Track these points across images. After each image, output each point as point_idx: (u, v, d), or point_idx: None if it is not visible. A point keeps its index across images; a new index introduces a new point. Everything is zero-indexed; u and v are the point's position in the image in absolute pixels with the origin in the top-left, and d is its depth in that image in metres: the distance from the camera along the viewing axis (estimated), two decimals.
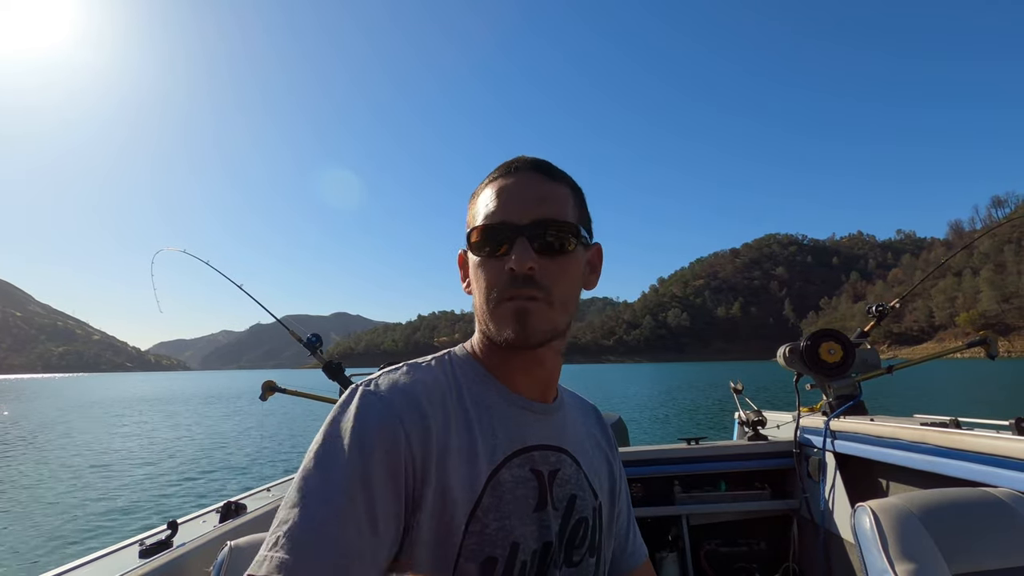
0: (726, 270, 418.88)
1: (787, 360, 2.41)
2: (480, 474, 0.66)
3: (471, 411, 0.70)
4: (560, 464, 0.75)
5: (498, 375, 0.74)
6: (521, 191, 0.71)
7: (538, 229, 0.69)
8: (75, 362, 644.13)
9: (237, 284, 2.80)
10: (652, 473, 2.39)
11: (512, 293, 0.68)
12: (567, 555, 0.73)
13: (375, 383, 0.68)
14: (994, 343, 2.30)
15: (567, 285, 0.71)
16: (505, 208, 0.70)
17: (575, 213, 0.73)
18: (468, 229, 0.73)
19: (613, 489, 0.86)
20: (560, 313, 0.70)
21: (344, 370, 2.52)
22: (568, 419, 0.81)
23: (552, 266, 0.69)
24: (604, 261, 0.80)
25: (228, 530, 1.60)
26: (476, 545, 0.64)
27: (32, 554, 6.57)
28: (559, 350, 0.76)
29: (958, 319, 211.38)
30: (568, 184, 0.75)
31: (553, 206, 0.70)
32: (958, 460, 1.53)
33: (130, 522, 7.68)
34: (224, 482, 10.26)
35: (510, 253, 0.68)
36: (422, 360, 0.75)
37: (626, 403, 25.94)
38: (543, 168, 0.73)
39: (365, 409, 0.63)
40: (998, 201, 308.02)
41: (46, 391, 64.46)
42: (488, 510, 0.65)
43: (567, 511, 0.73)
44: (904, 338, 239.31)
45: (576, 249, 0.72)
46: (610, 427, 0.93)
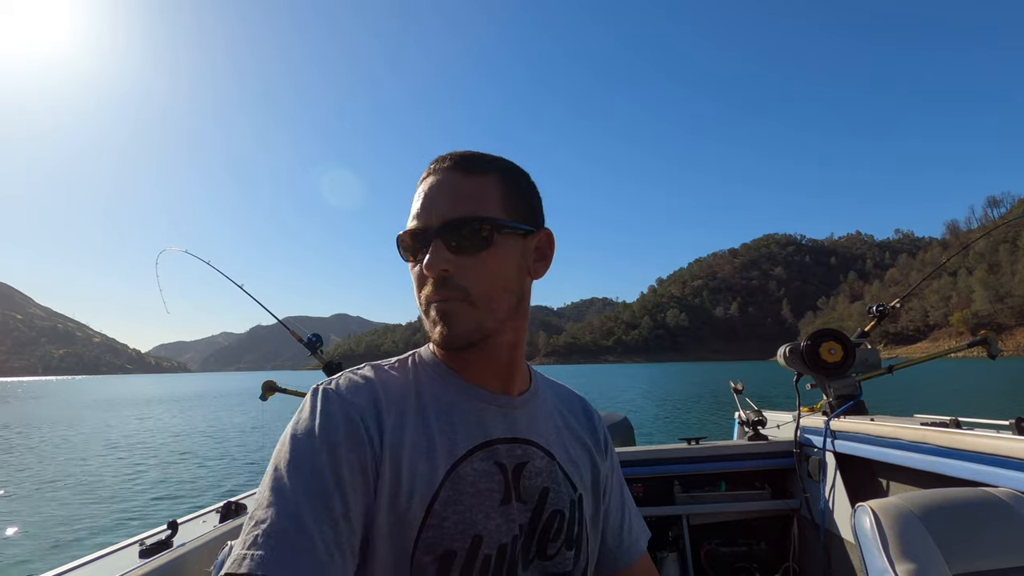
0: (725, 270, 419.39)
1: (787, 360, 2.41)
2: (438, 468, 0.66)
3: (429, 408, 0.70)
4: (528, 456, 0.74)
5: (460, 372, 0.75)
6: (436, 193, 0.71)
7: (450, 229, 0.68)
8: (75, 364, 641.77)
9: (238, 284, 2.78)
10: (652, 473, 2.39)
11: (433, 296, 0.69)
12: (540, 548, 0.73)
13: (335, 383, 0.69)
14: (994, 343, 2.31)
15: (487, 281, 0.70)
16: (421, 213, 0.71)
17: (501, 204, 0.71)
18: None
19: (596, 481, 0.85)
20: (484, 310, 0.69)
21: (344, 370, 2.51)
22: (540, 411, 0.81)
23: (470, 264, 0.68)
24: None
25: (228, 530, 1.60)
26: (434, 539, 0.64)
27: (32, 554, 6.58)
28: (514, 343, 0.76)
29: (951, 319, 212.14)
30: (495, 175, 0.73)
31: (469, 203, 0.69)
32: (958, 460, 1.53)
33: (130, 522, 7.69)
34: (224, 482, 10.28)
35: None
36: (385, 361, 0.76)
37: (627, 403, 25.94)
38: (462, 164, 0.72)
39: (326, 407, 0.65)
40: (993, 201, 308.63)
41: (46, 393, 64.31)
42: (447, 504, 0.65)
43: (538, 504, 0.73)
44: (900, 337, 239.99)
45: (501, 242, 0.70)
46: (598, 418, 0.91)
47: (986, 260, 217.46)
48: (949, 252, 2.99)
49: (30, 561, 6.31)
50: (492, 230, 0.69)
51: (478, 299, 0.69)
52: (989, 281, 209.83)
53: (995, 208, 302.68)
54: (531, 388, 0.81)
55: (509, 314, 0.73)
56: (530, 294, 0.77)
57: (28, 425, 22.95)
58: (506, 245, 0.71)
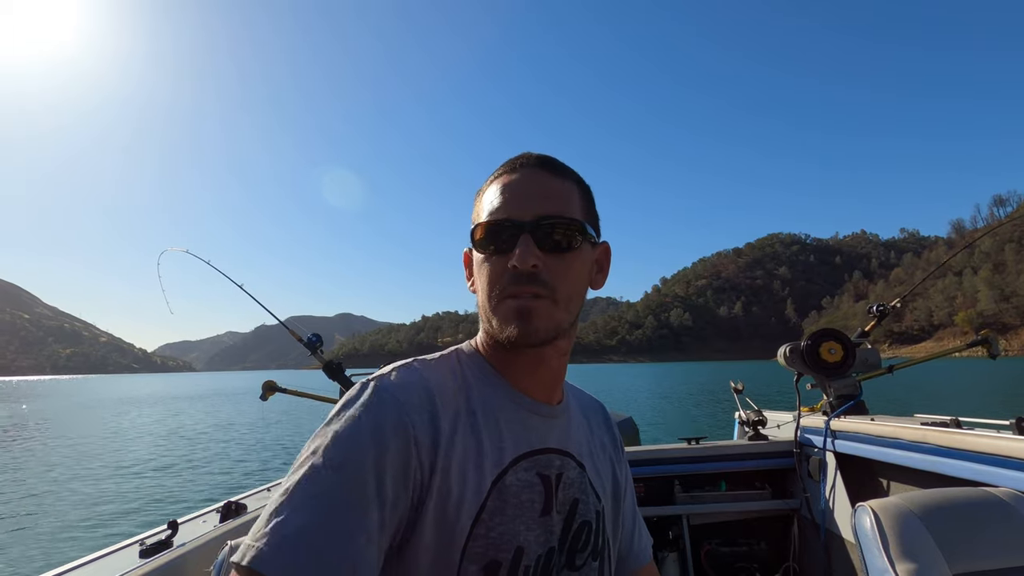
0: (729, 270, 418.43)
1: (788, 360, 2.40)
2: (486, 477, 0.65)
3: (479, 413, 0.68)
4: (564, 468, 0.74)
5: (505, 375, 0.73)
6: (526, 188, 0.70)
7: (542, 226, 0.68)
8: (82, 363, 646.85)
9: (238, 284, 2.78)
10: (652, 473, 2.38)
11: (515, 291, 0.67)
12: (569, 559, 0.72)
13: (387, 379, 0.66)
14: (995, 342, 2.30)
15: (572, 283, 0.70)
16: (509, 205, 0.69)
17: (581, 210, 0.72)
18: (472, 226, 0.72)
19: (617, 491, 0.85)
20: (564, 311, 0.69)
21: (344, 370, 2.52)
22: (573, 422, 0.80)
23: (556, 263, 0.68)
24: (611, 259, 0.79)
25: (228, 530, 1.58)
26: (480, 549, 0.63)
27: (32, 554, 6.59)
28: (565, 350, 0.75)
29: (956, 318, 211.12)
30: (575, 181, 0.74)
31: (558, 203, 0.69)
32: (958, 460, 1.53)
33: (130, 522, 7.70)
34: (224, 482, 10.28)
35: (514, 250, 0.67)
36: (430, 357, 0.73)
37: (627, 403, 25.89)
38: (549, 164, 0.72)
39: (379, 406, 0.62)
40: (999, 200, 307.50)
41: (52, 392, 64.61)
42: (493, 514, 0.64)
43: (570, 515, 0.73)
44: (904, 337, 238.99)
45: (582, 247, 0.71)
46: (616, 426, 0.91)
47: (991, 259, 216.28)
48: (952, 251, 2.95)
49: (30, 561, 6.33)
50: (579, 234, 0.70)
51: (561, 299, 0.68)
52: (994, 280, 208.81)
53: (1001, 207, 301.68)
54: (566, 398, 0.81)
55: (575, 320, 0.73)
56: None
57: (25, 426, 22.93)
58: (584, 251, 0.72)
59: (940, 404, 20.97)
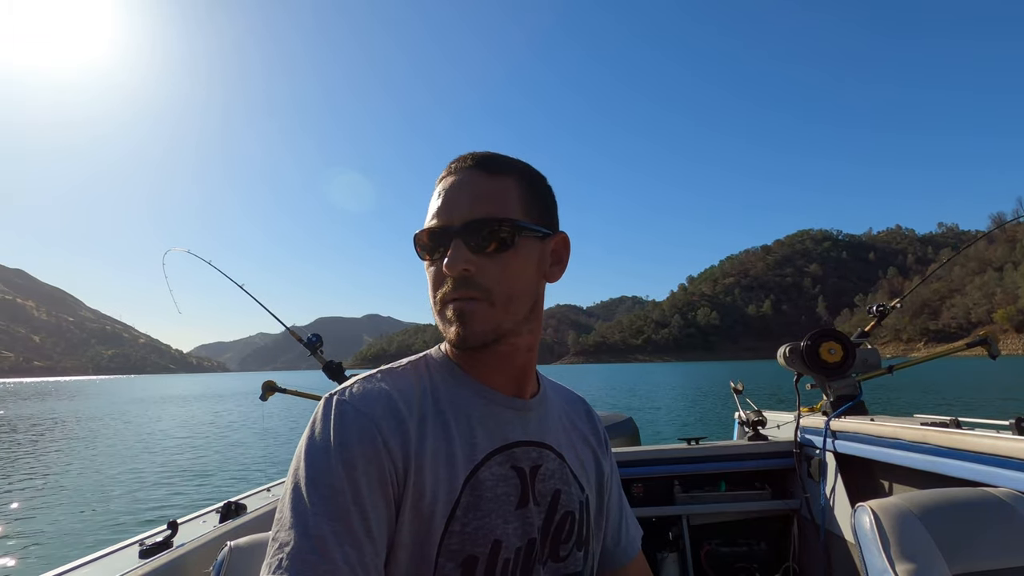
0: (757, 268, 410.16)
1: (787, 360, 2.38)
2: (458, 474, 0.66)
3: (447, 412, 0.69)
4: (542, 459, 0.75)
5: (474, 374, 0.74)
6: (457, 192, 0.70)
7: (472, 229, 0.68)
8: (123, 364, 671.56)
9: (238, 284, 2.78)
10: (652, 473, 2.38)
11: (451, 295, 0.69)
12: (552, 550, 0.73)
13: (348, 392, 0.67)
14: (995, 343, 2.24)
15: (509, 283, 0.69)
16: (441, 211, 0.70)
17: (521, 207, 0.71)
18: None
19: (601, 482, 0.86)
20: (502, 312, 0.69)
21: (344, 371, 2.54)
22: (550, 413, 0.81)
23: (490, 264, 0.68)
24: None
25: (228, 530, 1.60)
26: (456, 545, 0.64)
27: (32, 554, 6.64)
28: (529, 345, 0.76)
29: (995, 315, 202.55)
30: (515, 176, 0.73)
31: (489, 204, 0.69)
32: (958, 460, 1.51)
33: (130, 522, 7.70)
34: (224, 482, 10.22)
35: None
36: (397, 364, 0.75)
37: (629, 404, 25.62)
38: (484, 164, 0.72)
39: (341, 420, 0.63)
40: None
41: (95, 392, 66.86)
42: (468, 509, 0.65)
43: (551, 506, 0.74)
44: (942, 335, 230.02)
45: (520, 244, 0.70)
46: (598, 418, 0.92)
47: None
48: (954, 253, 2.90)
49: (31, 561, 6.38)
50: (513, 232, 0.69)
51: (498, 300, 0.69)
52: None
53: None
54: (541, 390, 0.81)
55: (525, 316, 0.73)
56: (544, 297, 0.77)
57: (30, 426, 23.19)
58: (526, 247, 0.71)
59: (940, 404, 20.30)
